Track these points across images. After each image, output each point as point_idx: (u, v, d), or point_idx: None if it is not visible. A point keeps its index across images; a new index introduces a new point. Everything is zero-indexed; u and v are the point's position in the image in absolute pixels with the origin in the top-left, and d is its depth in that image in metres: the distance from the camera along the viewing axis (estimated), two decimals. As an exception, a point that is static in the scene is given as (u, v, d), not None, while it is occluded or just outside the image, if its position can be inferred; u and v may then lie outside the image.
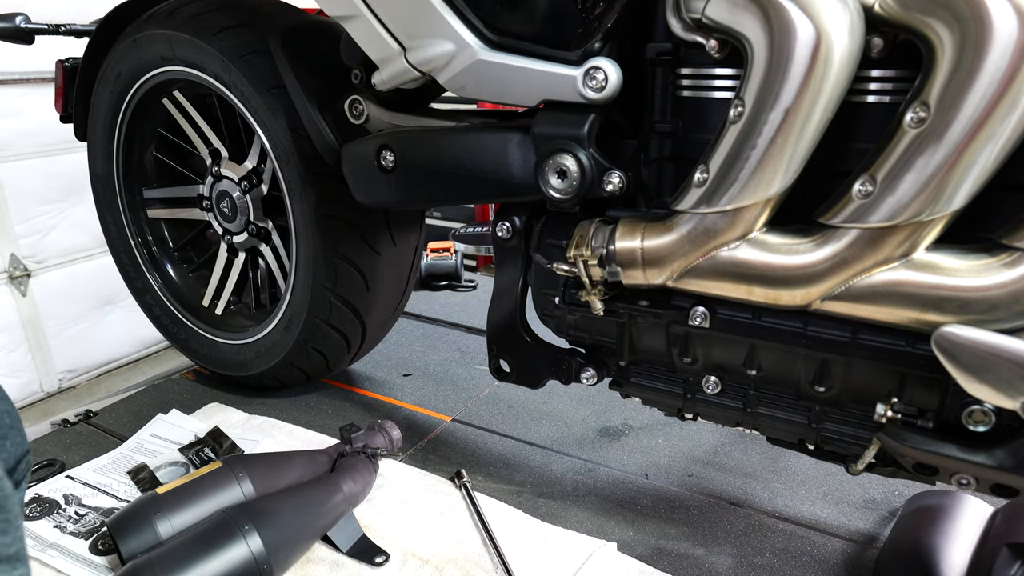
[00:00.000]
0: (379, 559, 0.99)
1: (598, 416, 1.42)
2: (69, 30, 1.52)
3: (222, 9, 1.29)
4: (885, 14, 0.67)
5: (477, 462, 1.27)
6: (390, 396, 1.51)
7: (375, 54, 1.03)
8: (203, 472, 1.01)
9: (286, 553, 0.93)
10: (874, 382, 0.81)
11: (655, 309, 0.91)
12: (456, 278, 2.16)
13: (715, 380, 0.92)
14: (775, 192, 0.75)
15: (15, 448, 0.72)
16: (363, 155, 1.10)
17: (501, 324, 1.08)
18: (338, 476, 1.04)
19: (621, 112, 0.91)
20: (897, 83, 0.73)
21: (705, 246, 0.80)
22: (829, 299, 0.75)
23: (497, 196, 1.02)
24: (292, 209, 1.30)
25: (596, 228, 0.90)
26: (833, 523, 1.11)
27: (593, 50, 0.86)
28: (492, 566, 0.98)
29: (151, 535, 0.91)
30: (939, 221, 0.68)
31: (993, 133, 0.63)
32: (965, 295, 0.68)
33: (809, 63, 0.69)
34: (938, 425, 0.77)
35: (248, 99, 1.26)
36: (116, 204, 1.55)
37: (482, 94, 0.96)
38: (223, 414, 1.38)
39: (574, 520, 1.11)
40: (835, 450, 0.91)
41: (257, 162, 1.38)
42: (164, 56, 1.34)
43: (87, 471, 1.18)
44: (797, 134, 0.72)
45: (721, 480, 1.21)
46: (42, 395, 2.03)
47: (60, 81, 1.55)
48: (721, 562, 1.03)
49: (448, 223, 2.98)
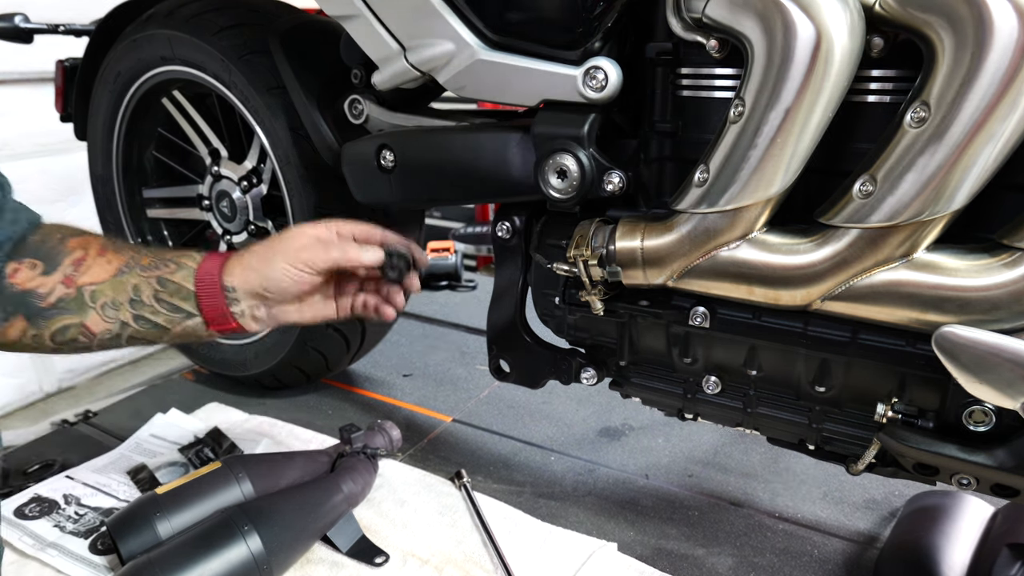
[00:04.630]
0: (379, 559, 0.99)
1: (598, 416, 1.42)
2: (68, 30, 1.52)
3: (222, 9, 1.29)
4: (885, 14, 0.67)
5: (477, 462, 1.27)
6: (390, 396, 1.51)
7: (375, 54, 1.03)
8: (203, 472, 1.00)
9: (286, 553, 0.93)
10: (874, 382, 0.81)
11: (655, 309, 0.91)
12: (456, 278, 2.16)
13: (715, 380, 0.92)
14: (775, 192, 0.75)
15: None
16: (363, 155, 1.10)
17: (501, 324, 1.08)
18: (338, 476, 1.04)
19: (621, 112, 0.91)
20: (897, 83, 0.73)
21: (705, 246, 0.80)
22: (829, 299, 0.75)
23: (497, 196, 1.02)
24: (292, 209, 1.30)
25: (596, 228, 0.90)
26: (833, 523, 1.11)
27: (593, 50, 0.86)
28: (492, 566, 0.98)
29: (151, 535, 0.91)
30: (939, 221, 0.68)
31: (993, 133, 0.63)
32: (965, 295, 0.68)
33: (809, 63, 0.69)
34: (938, 425, 0.77)
35: (248, 99, 1.26)
36: (116, 204, 1.55)
37: (482, 94, 0.96)
38: (223, 414, 1.38)
39: (574, 520, 1.11)
40: (835, 450, 0.91)
41: (257, 162, 1.38)
42: (164, 56, 1.34)
43: (86, 471, 1.18)
44: (797, 134, 0.72)
45: (721, 480, 1.21)
46: (42, 395, 2.03)
47: (60, 81, 1.54)
48: (721, 562, 1.02)
49: (448, 223, 2.98)
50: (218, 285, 0.86)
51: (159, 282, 0.85)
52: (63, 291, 0.83)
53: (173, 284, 0.85)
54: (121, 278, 0.85)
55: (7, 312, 0.82)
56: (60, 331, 0.83)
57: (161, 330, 0.87)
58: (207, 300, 0.86)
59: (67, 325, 0.83)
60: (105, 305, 0.84)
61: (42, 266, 0.83)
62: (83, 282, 0.83)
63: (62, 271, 0.83)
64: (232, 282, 0.86)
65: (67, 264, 0.84)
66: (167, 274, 0.86)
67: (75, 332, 0.84)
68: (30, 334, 0.83)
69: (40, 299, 0.82)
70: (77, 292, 0.83)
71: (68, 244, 0.85)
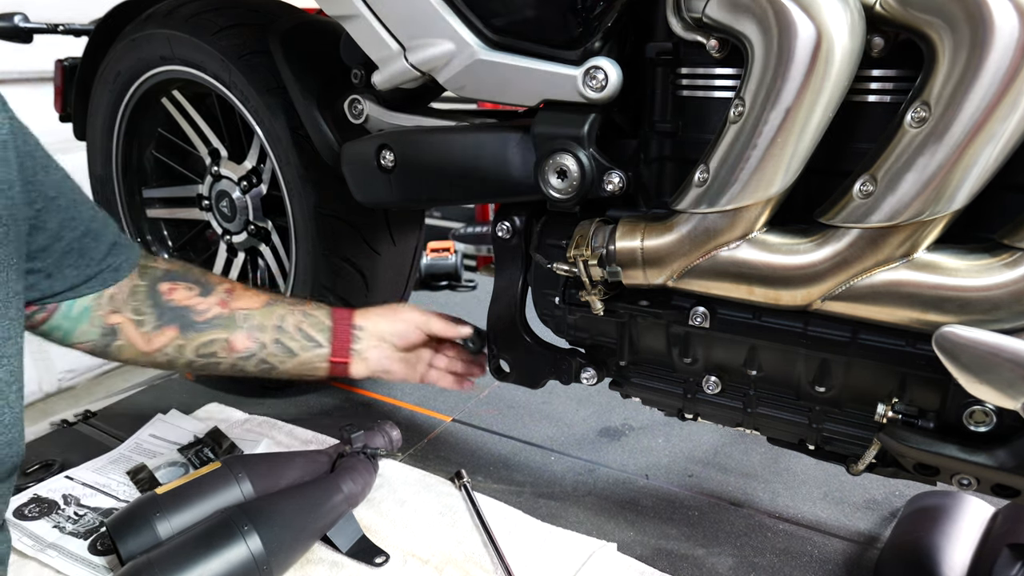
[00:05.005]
0: (379, 559, 0.98)
1: (598, 416, 1.42)
2: (68, 29, 1.52)
3: (222, 9, 1.29)
4: (886, 13, 0.67)
5: (477, 462, 1.27)
6: (390, 396, 1.51)
7: (375, 54, 1.03)
8: (202, 472, 1.00)
9: (286, 553, 0.93)
10: (874, 382, 0.81)
11: (655, 309, 0.91)
12: (456, 278, 2.16)
13: (715, 380, 0.92)
14: (775, 192, 0.75)
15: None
16: (363, 155, 1.10)
17: (501, 324, 1.08)
18: (338, 476, 1.04)
19: (621, 112, 0.91)
20: (898, 83, 0.73)
21: (705, 246, 0.80)
22: (829, 299, 0.75)
23: (497, 196, 1.02)
24: (292, 209, 1.30)
25: (596, 228, 0.90)
26: (833, 523, 1.10)
27: (593, 50, 0.86)
28: (492, 566, 0.98)
29: (150, 535, 0.91)
30: (940, 221, 0.68)
31: (994, 133, 0.63)
32: (966, 295, 0.68)
33: (810, 63, 0.69)
34: (939, 425, 0.77)
35: (248, 99, 1.26)
36: (115, 204, 1.55)
37: (482, 94, 0.96)
38: (223, 414, 1.38)
39: (574, 520, 1.11)
40: (835, 450, 0.91)
41: (256, 162, 1.37)
42: (163, 56, 1.34)
43: (86, 471, 1.18)
44: (798, 134, 0.72)
45: (721, 480, 1.21)
46: (41, 395, 2.03)
47: (59, 80, 1.54)
48: (721, 562, 1.02)
49: (448, 223, 2.98)
50: (350, 323, 1.05)
51: (303, 314, 1.04)
52: (218, 311, 1.00)
53: (314, 317, 1.05)
54: (270, 308, 1.03)
55: (163, 321, 0.97)
56: (206, 344, 0.99)
57: (289, 355, 1.03)
58: (339, 334, 1.04)
59: (214, 339, 0.99)
60: (253, 327, 1.01)
61: (198, 289, 1.00)
62: (237, 306, 1.01)
63: (217, 295, 1.01)
64: (362, 323, 1.06)
65: (221, 291, 1.01)
66: (310, 310, 1.05)
67: (218, 347, 1.00)
68: (176, 343, 0.98)
69: (197, 315, 0.98)
70: (231, 313, 1.00)
71: (211, 277, 1.03)
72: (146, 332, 0.97)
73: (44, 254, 0.86)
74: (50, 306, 0.91)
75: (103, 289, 0.94)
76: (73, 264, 0.89)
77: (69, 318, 0.93)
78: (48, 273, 0.87)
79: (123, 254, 0.96)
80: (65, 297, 0.90)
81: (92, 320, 0.95)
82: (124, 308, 0.96)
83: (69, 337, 0.95)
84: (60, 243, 0.86)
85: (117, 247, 0.95)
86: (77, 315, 0.93)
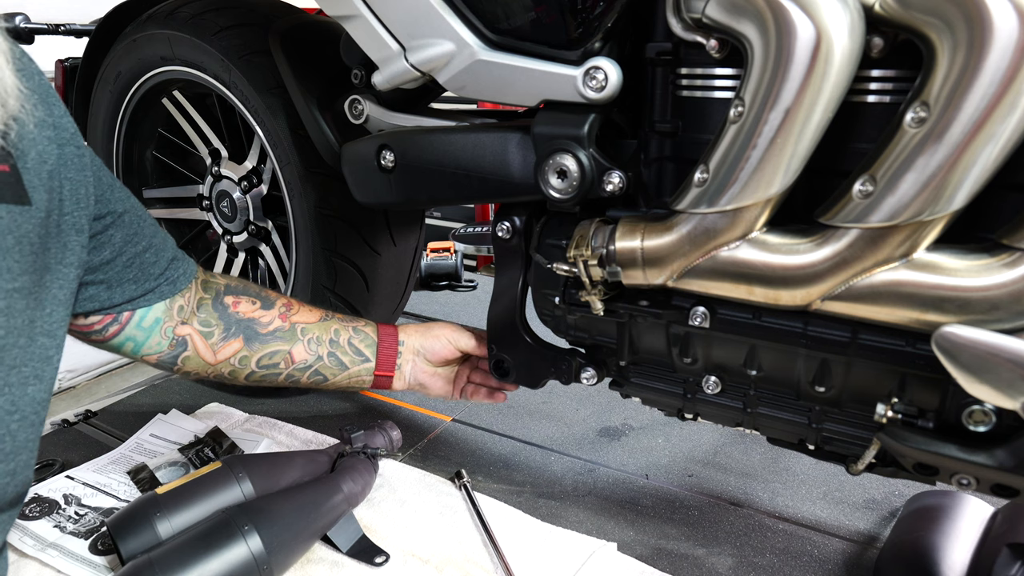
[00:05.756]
0: (379, 559, 0.99)
1: (598, 416, 1.42)
2: (69, 30, 1.53)
3: (222, 9, 1.29)
4: (885, 14, 0.67)
5: (477, 462, 1.27)
6: (390, 396, 1.51)
7: (375, 54, 1.03)
8: (203, 472, 1.00)
9: (286, 553, 0.93)
10: (874, 382, 0.81)
11: (655, 309, 0.91)
12: (456, 278, 2.16)
13: (715, 380, 0.92)
14: (775, 192, 0.75)
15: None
16: (363, 155, 1.10)
17: (501, 324, 1.08)
18: (338, 476, 1.04)
19: (621, 112, 0.91)
20: (897, 83, 0.73)
21: (705, 246, 0.80)
22: (829, 299, 0.75)
23: (497, 196, 1.02)
24: (292, 209, 1.30)
25: (596, 228, 0.90)
26: (833, 523, 1.11)
27: (593, 50, 0.86)
28: (492, 566, 0.98)
29: (151, 535, 0.91)
30: (939, 221, 0.68)
31: (993, 133, 0.63)
32: (965, 295, 0.68)
33: (809, 63, 0.69)
34: (938, 425, 0.77)
35: (248, 99, 1.26)
36: (116, 204, 1.55)
37: (482, 94, 0.96)
38: (223, 414, 1.38)
39: (574, 520, 1.11)
40: (835, 450, 0.91)
41: (257, 162, 1.38)
42: (164, 56, 1.34)
43: (87, 471, 1.18)
44: (797, 134, 0.72)
45: (721, 480, 1.21)
46: (42, 395, 2.03)
47: (60, 81, 1.55)
48: (721, 562, 1.03)
49: (448, 223, 2.98)
50: (395, 339, 1.11)
51: (354, 330, 1.10)
52: (279, 324, 1.05)
53: (363, 333, 1.11)
54: (325, 322, 1.09)
55: (229, 333, 1.02)
56: (269, 355, 1.04)
57: (340, 368, 1.09)
58: (385, 349, 1.10)
59: (277, 350, 1.05)
60: (311, 340, 1.06)
61: (260, 303, 1.05)
62: (295, 320, 1.06)
63: (277, 310, 1.06)
64: (403, 339, 1.12)
65: (280, 304, 1.07)
66: (360, 326, 1.11)
67: (280, 358, 1.05)
68: (240, 355, 1.03)
69: (261, 327, 1.04)
70: (291, 327, 1.06)
71: (270, 292, 1.08)
72: (213, 343, 1.01)
73: (108, 267, 0.88)
74: (124, 317, 0.93)
75: (160, 301, 0.96)
76: (133, 278, 0.91)
77: (141, 328, 0.96)
78: (108, 284, 0.89)
79: (181, 268, 0.98)
80: (123, 309, 0.93)
81: (163, 331, 0.98)
82: (192, 320, 1.00)
83: (140, 349, 0.98)
84: (122, 257, 0.89)
85: (175, 262, 0.98)
86: (149, 327, 0.96)
